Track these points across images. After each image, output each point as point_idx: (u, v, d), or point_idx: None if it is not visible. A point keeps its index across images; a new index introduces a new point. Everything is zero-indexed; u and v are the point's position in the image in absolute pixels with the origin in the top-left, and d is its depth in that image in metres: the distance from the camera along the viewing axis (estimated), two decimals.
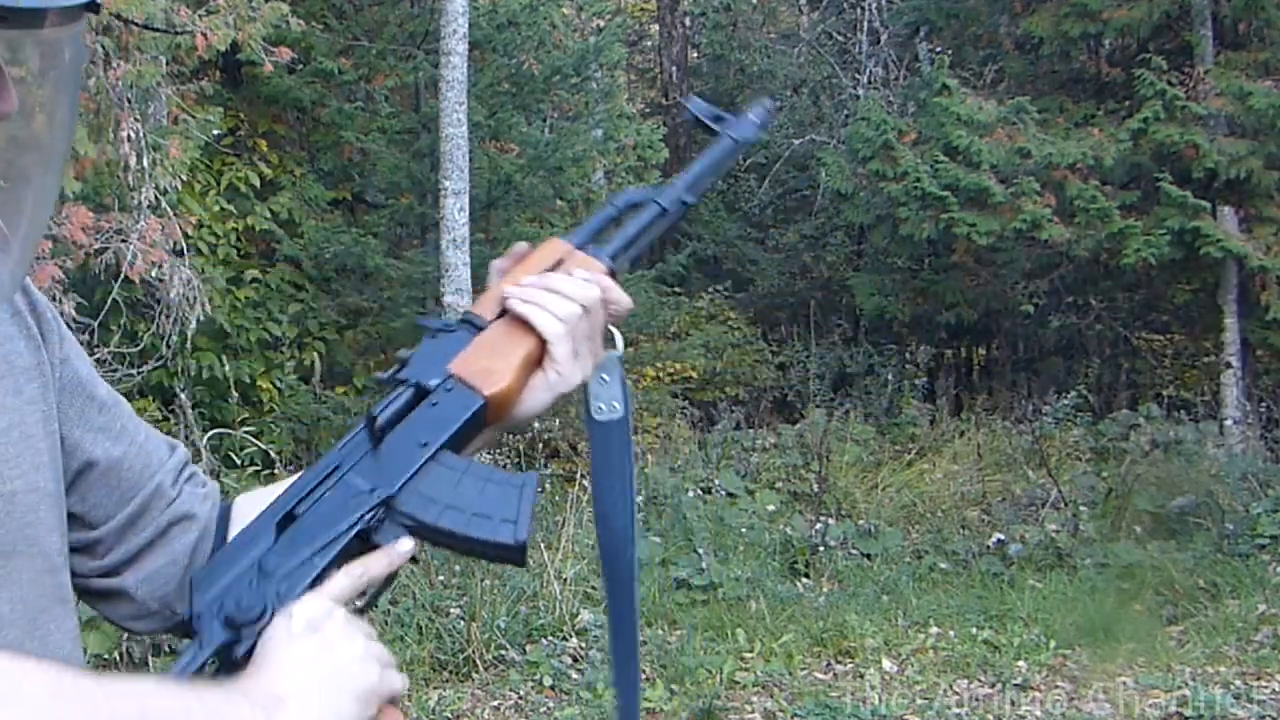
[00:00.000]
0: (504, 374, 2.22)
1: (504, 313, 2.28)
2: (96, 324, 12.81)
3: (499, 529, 2.17)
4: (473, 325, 2.27)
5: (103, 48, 12.03)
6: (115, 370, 13.13)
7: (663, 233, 2.62)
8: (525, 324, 2.26)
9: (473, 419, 2.20)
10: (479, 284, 17.12)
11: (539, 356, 2.27)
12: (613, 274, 2.42)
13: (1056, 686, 10.95)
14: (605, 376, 2.37)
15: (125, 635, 11.19)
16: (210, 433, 14.15)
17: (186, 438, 13.68)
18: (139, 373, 13.96)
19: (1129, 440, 18.52)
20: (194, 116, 13.61)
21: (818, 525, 15.58)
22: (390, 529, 2.09)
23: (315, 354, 18.91)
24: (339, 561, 2.04)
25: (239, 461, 14.08)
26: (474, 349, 2.23)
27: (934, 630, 12.52)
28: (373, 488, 2.08)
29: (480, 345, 2.24)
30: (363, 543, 2.08)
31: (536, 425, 16.59)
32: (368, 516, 2.07)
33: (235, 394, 16.27)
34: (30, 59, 1.87)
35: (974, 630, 12.44)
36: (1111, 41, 22.92)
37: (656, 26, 34.02)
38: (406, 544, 2.10)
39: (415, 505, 2.10)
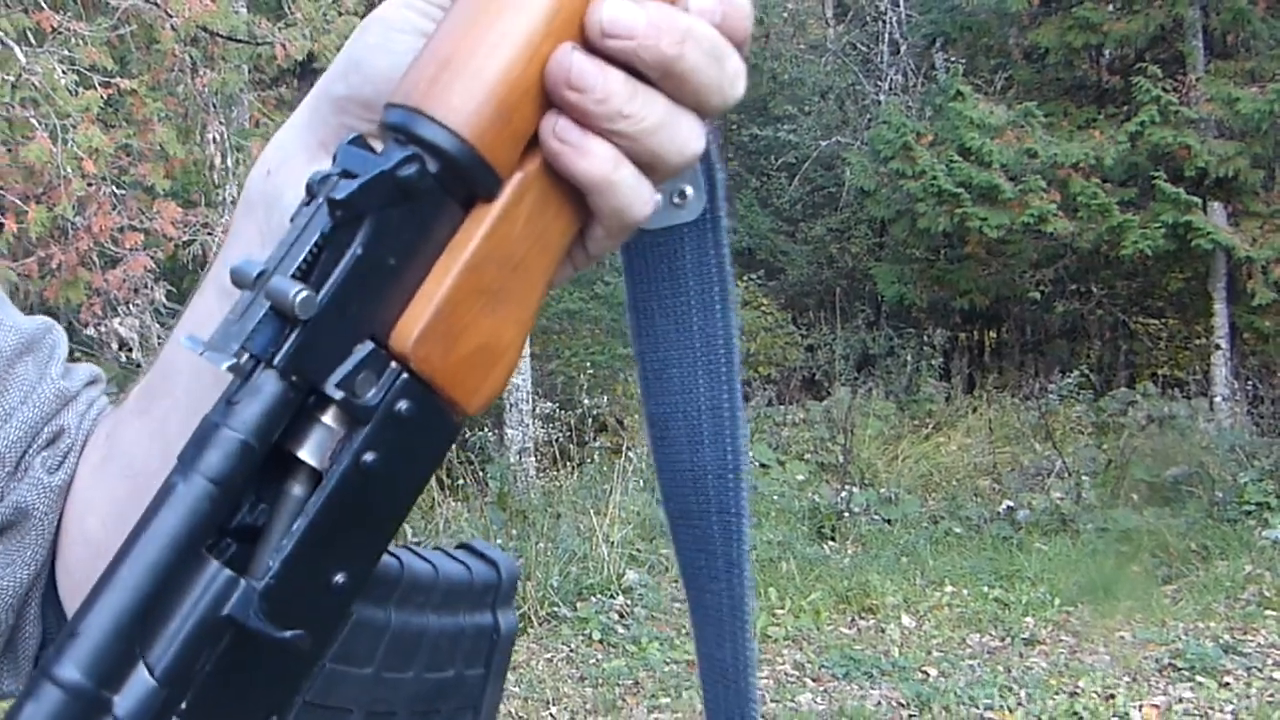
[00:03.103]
0: (510, 348, 0.87)
1: (529, 153, 0.84)
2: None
3: None
4: (455, 177, 0.82)
5: (191, 58, 12.10)
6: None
7: None
8: (575, 189, 0.86)
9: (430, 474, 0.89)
10: None
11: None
12: None
13: (1061, 640, 10.94)
14: (686, 190, 0.97)
15: None
16: None
17: None
18: None
19: (1127, 415, 18.48)
20: (273, 120, 13.63)
21: (843, 493, 15.58)
22: None
23: None
24: None
25: None
26: (463, 282, 0.83)
27: (949, 589, 12.50)
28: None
29: (480, 267, 0.84)
30: None
31: (586, 402, 16.58)
32: None
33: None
34: None
35: (985, 589, 12.43)
36: (1111, 52, 22.82)
37: None
38: None
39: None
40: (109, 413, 1.22)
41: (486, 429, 16.36)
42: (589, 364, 17.94)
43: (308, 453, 0.80)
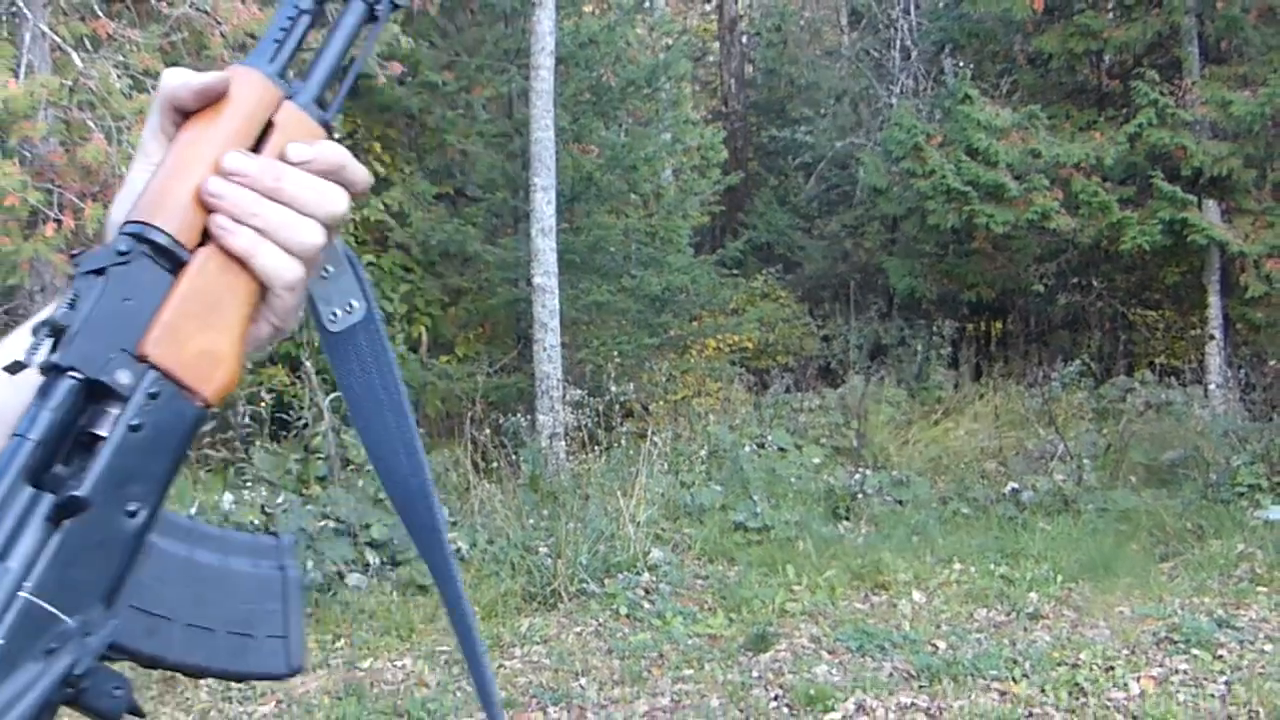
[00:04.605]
0: (228, 356, 1.23)
1: (207, 237, 1.24)
2: None
3: (266, 656, 1.25)
4: (161, 254, 1.21)
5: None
6: None
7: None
8: (238, 258, 1.24)
9: (189, 441, 1.21)
10: (565, 268, 17.11)
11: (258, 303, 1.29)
12: (328, 129, 1.37)
13: (1063, 615, 10.91)
14: (328, 268, 1.38)
15: None
16: (331, 395, 14.21)
17: (310, 399, 13.77)
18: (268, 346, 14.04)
19: (1126, 402, 18.46)
20: None
21: (857, 476, 15.57)
22: (103, 681, 1.10)
23: (422, 327, 19.05)
24: None
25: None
26: (178, 309, 1.20)
27: (957, 566, 12.48)
28: (71, 615, 1.08)
29: (187, 301, 1.20)
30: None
31: (613, 389, 16.57)
32: (69, 667, 1.07)
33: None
34: None
35: (992, 566, 12.40)
36: (1111, 57, 22.80)
37: (717, 44, 33.98)
38: None
39: (136, 634, 1.15)
40: None
41: (519, 415, 16.38)
42: (616, 353, 17.92)
43: (102, 427, 1.13)
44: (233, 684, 9.37)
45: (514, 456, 15.28)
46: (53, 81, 11.32)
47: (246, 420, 14.14)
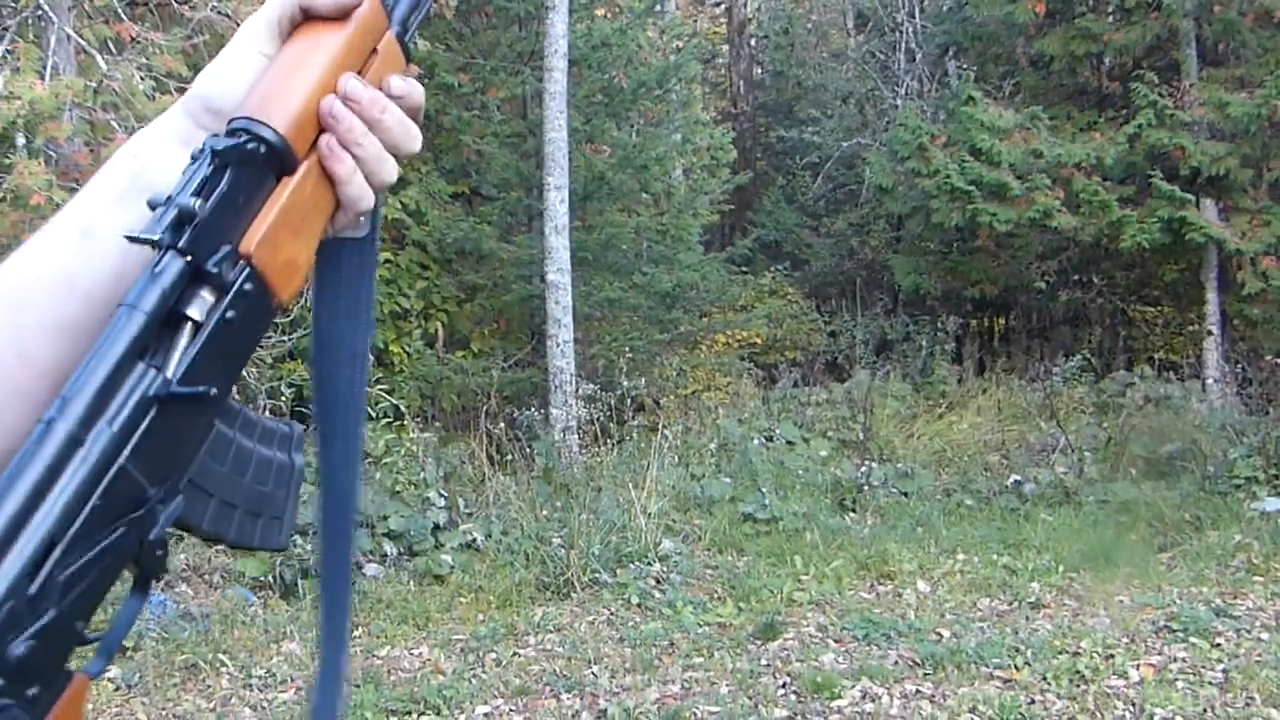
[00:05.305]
0: (304, 266, 1.27)
1: (312, 146, 1.25)
2: None
3: (267, 533, 1.30)
4: (272, 154, 1.21)
5: None
6: (269, 337, 13.20)
7: None
8: (331, 180, 1.27)
9: (262, 336, 1.29)
10: (578, 265, 17.10)
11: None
12: (410, 62, 1.40)
13: (1064, 604, 10.90)
14: None
15: (277, 560, 11.28)
16: None
17: None
18: (290, 339, 14.06)
19: (1125, 396, 18.44)
20: None
21: (863, 468, 15.56)
22: (156, 545, 1.14)
23: (438, 323, 19.08)
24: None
25: (374, 415, 14.14)
26: (281, 217, 1.22)
27: (961, 557, 12.47)
28: (152, 486, 1.13)
29: (288, 211, 1.23)
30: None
31: (625, 383, 16.59)
32: (144, 534, 1.14)
33: (370, 357, 16.33)
34: None
35: (994, 557, 12.39)
36: (1111, 59, 22.77)
37: (727, 46, 33.95)
38: None
39: (189, 506, 1.19)
40: None
41: (534, 409, 16.38)
42: (628, 348, 17.94)
43: (194, 311, 1.15)
44: (253, 672, 9.39)
45: (528, 449, 15.28)
46: (77, 83, 11.32)
47: (267, 414, 14.12)
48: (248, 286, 1.19)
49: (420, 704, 8.75)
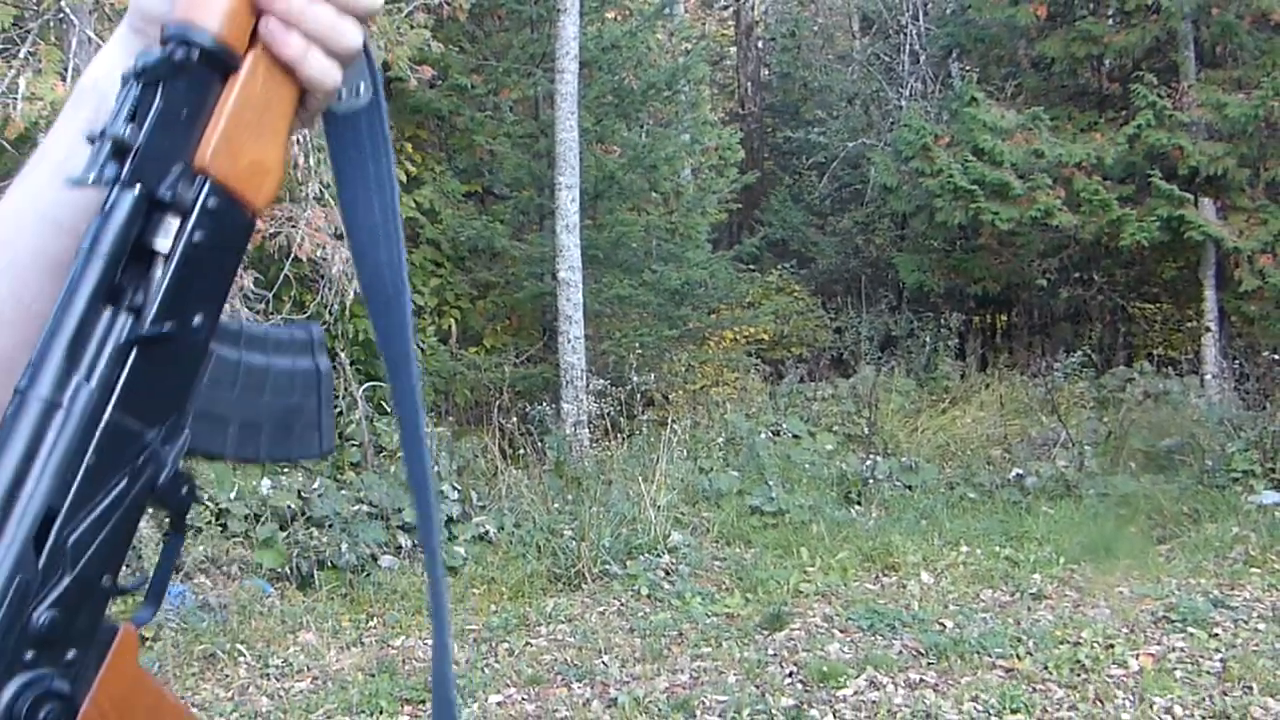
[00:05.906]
0: (275, 165, 1.19)
1: (254, 38, 1.16)
2: (271, 294, 12.92)
3: (305, 444, 1.26)
4: (209, 58, 1.12)
5: None
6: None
7: None
8: (285, 65, 1.18)
9: (244, 250, 1.20)
10: (588, 263, 17.10)
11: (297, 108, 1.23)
12: None
13: (1065, 595, 10.89)
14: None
15: (294, 552, 11.28)
16: (365, 385, 14.22)
17: (345, 389, 13.78)
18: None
19: (1125, 391, 18.41)
20: None
21: (868, 462, 15.56)
22: (176, 482, 1.12)
23: (452, 320, 19.07)
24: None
25: (389, 410, 14.13)
26: (232, 120, 1.14)
27: (964, 548, 12.47)
28: (150, 428, 1.10)
29: (239, 111, 1.14)
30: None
31: (635, 379, 16.58)
32: (153, 478, 1.11)
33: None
34: None
35: (997, 548, 12.38)
36: (1111, 61, 22.75)
37: (734, 49, 33.97)
38: None
39: (200, 436, 1.16)
40: None
41: (545, 403, 16.38)
42: (638, 344, 17.95)
43: (159, 241, 1.09)
44: (270, 661, 9.40)
45: (540, 444, 15.27)
46: None
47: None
48: (212, 202, 1.11)
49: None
